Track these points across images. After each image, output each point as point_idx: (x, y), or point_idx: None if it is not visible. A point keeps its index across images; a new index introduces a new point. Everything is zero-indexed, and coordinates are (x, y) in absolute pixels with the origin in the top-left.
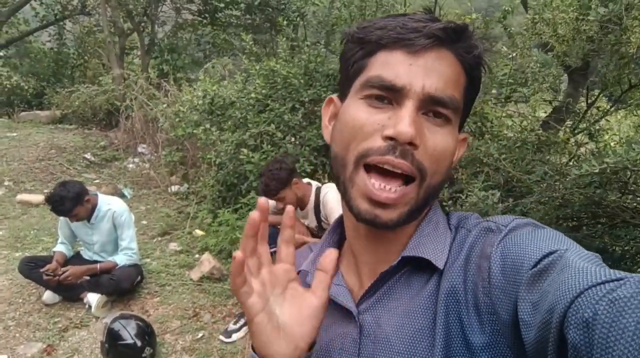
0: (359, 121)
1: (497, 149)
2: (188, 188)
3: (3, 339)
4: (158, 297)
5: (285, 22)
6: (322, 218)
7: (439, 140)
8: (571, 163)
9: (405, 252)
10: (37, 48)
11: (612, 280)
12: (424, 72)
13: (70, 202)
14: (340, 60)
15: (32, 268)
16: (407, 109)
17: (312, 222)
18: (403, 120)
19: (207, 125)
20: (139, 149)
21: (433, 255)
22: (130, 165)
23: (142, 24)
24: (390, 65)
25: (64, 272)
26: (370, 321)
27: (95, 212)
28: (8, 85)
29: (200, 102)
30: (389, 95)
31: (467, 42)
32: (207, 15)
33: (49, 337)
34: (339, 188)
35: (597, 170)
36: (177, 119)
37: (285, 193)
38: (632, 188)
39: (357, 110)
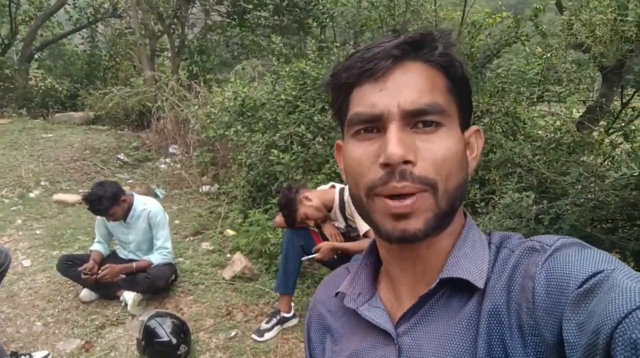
0: (356, 158)
1: (530, 150)
2: (219, 188)
3: (43, 335)
4: (191, 296)
5: (314, 24)
6: (348, 217)
7: (437, 146)
8: (606, 164)
9: (443, 273)
10: (71, 50)
11: None
12: (395, 92)
13: (107, 201)
14: (331, 108)
15: (69, 266)
16: (391, 131)
17: (340, 223)
18: (389, 143)
19: (238, 127)
20: (171, 150)
21: (472, 275)
22: (162, 166)
23: (173, 26)
24: (364, 99)
25: (100, 271)
26: (410, 343)
27: (131, 212)
28: (43, 87)
29: (231, 103)
30: (373, 125)
31: (428, 46)
32: (235, 16)
33: (86, 333)
34: (365, 221)
35: (636, 173)
36: (208, 120)
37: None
38: None
39: (353, 148)
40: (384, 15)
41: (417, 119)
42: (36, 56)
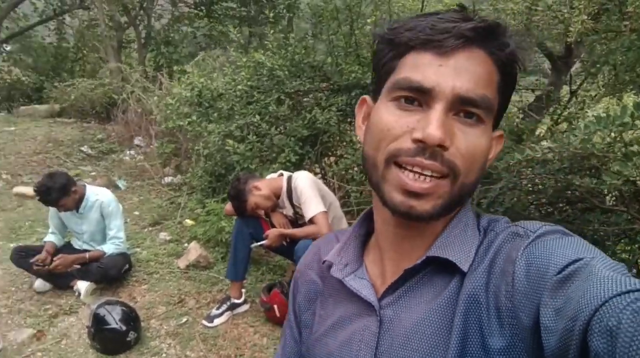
0: (388, 123)
1: None
2: (181, 179)
3: None
4: (146, 285)
5: (271, 14)
6: (296, 204)
7: (471, 140)
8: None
9: (431, 251)
10: (38, 42)
11: (637, 290)
12: (453, 73)
13: (56, 192)
14: (372, 61)
15: (23, 257)
16: (436, 112)
17: (288, 210)
18: (431, 123)
19: (193, 117)
20: (135, 142)
21: (458, 257)
22: (126, 158)
23: (139, 18)
24: (419, 67)
25: (53, 262)
26: (391, 316)
27: (84, 202)
28: (8, 80)
29: (189, 94)
30: (418, 97)
31: (499, 40)
32: (203, 7)
33: (39, 323)
34: (372, 188)
35: (539, 155)
36: (167, 111)
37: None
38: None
39: (387, 113)
40: (340, 6)
41: (464, 108)
42: (8, 48)
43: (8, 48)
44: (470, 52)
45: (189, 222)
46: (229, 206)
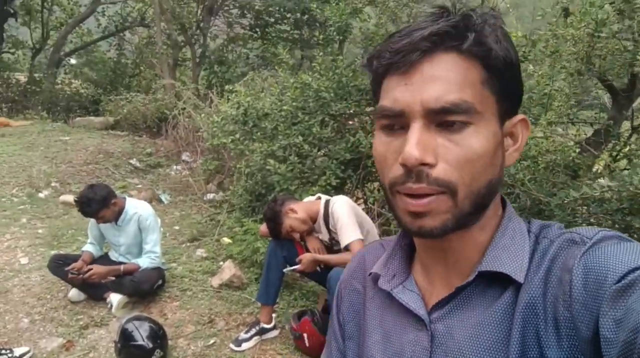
0: (380, 152)
1: (519, 170)
2: (223, 196)
3: (28, 332)
4: (178, 301)
5: (321, 37)
6: (332, 229)
7: (460, 148)
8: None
9: (482, 266)
10: (100, 57)
11: None
12: (420, 87)
13: (96, 204)
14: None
15: (59, 265)
16: (412, 131)
17: (324, 235)
18: (407, 144)
19: (237, 136)
20: (183, 157)
21: (512, 268)
22: (172, 173)
23: (195, 37)
24: (389, 92)
25: (87, 271)
26: (443, 330)
27: (123, 215)
28: (68, 92)
29: (234, 112)
30: (396, 122)
31: (462, 35)
32: (257, 29)
33: (69, 333)
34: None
35: (597, 193)
36: (213, 128)
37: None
38: None
39: (379, 142)
40: (391, 31)
41: (442, 118)
42: (73, 62)
43: (73, 61)
44: (432, 60)
45: (226, 240)
46: (263, 227)
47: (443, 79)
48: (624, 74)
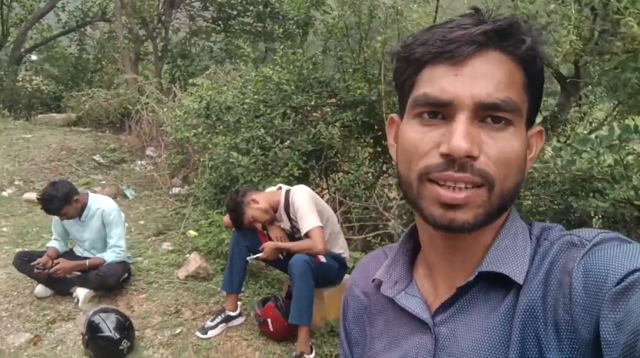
0: (414, 141)
1: None
2: (188, 190)
3: None
4: (144, 294)
5: (280, 30)
6: (292, 218)
7: (502, 145)
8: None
9: (482, 266)
10: (60, 53)
11: None
12: (471, 81)
13: (59, 201)
14: (393, 79)
15: (25, 262)
16: (459, 123)
17: (285, 223)
18: (456, 135)
19: (199, 129)
20: (147, 152)
21: (512, 270)
22: (137, 168)
23: (157, 31)
24: (435, 81)
25: (53, 265)
26: (446, 334)
27: (86, 211)
28: (29, 89)
29: (197, 106)
30: (439, 110)
31: (514, 38)
32: (220, 22)
33: (37, 328)
34: (410, 206)
35: (536, 175)
36: (176, 123)
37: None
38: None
39: (412, 130)
40: (365, 21)
41: (488, 113)
42: (34, 57)
43: (34, 57)
44: (485, 56)
45: (192, 233)
46: (227, 218)
47: (494, 76)
48: (569, 62)
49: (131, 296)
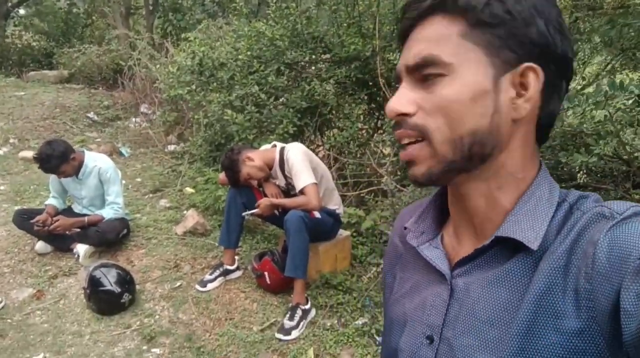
0: None
1: None
2: (183, 147)
3: None
4: (143, 249)
5: None
6: (287, 174)
7: (434, 96)
8: None
9: (499, 231)
10: (50, 7)
11: None
12: (407, 51)
13: (56, 159)
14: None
15: (24, 219)
16: (399, 89)
17: (280, 180)
18: (390, 100)
19: (192, 86)
20: (142, 109)
21: (527, 236)
22: (131, 125)
23: None
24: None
25: (53, 223)
26: (462, 286)
27: (83, 169)
28: (19, 45)
29: (190, 63)
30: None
31: None
32: None
33: (39, 283)
34: None
35: None
36: (170, 80)
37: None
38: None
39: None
40: None
41: (418, 74)
42: (16, 13)
43: (22, 12)
44: (423, 23)
45: (188, 190)
46: (222, 176)
47: (424, 39)
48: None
49: (131, 251)
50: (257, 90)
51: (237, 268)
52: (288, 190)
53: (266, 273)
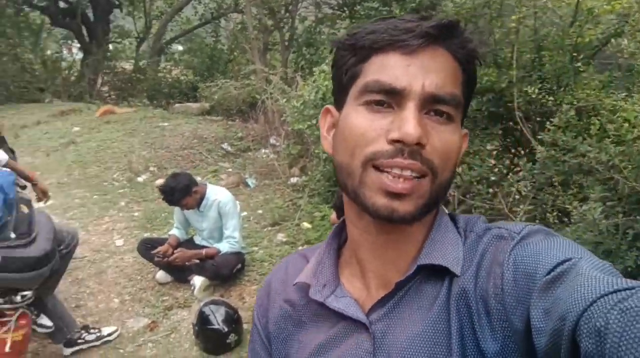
0: (361, 128)
1: (613, 155)
2: (304, 181)
3: (117, 312)
4: (256, 285)
5: (402, 14)
6: None
7: (445, 138)
8: None
9: (421, 260)
10: (199, 43)
11: (624, 289)
12: (422, 72)
13: (179, 193)
14: (332, 69)
15: (148, 248)
16: (410, 110)
17: None
18: (408, 122)
19: (313, 121)
20: (271, 141)
21: (449, 261)
22: (260, 156)
23: (283, 20)
24: (387, 69)
25: (172, 254)
26: (383, 330)
27: (204, 201)
28: (170, 79)
29: (312, 97)
30: (388, 99)
31: (460, 38)
32: (345, 8)
33: (154, 313)
34: (349, 197)
35: None
36: (294, 113)
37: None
38: None
39: (358, 117)
40: (479, 4)
41: (434, 106)
42: (180, 48)
43: (180, 48)
44: (434, 50)
45: (306, 225)
46: (334, 216)
47: (443, 70)
48: None
49: (244, 287)
50: None
51: None
52: None
53: None
